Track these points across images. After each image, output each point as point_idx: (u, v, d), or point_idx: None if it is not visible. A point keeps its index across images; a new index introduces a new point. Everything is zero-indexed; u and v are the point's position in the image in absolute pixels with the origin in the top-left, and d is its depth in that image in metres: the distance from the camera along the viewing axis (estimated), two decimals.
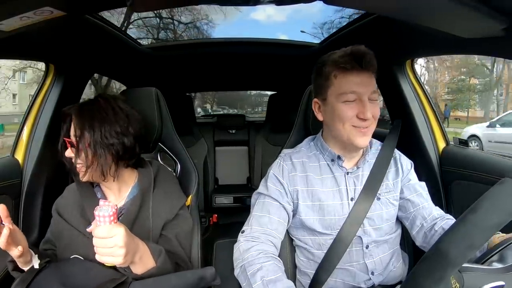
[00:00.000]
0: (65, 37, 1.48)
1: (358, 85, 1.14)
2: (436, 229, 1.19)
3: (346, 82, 1.15)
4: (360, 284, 1.24)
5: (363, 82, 1.14)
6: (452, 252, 0.66)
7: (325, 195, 1.24)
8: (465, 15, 0.90)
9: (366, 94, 1.14)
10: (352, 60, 1.13)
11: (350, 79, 1.15)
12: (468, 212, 0.69)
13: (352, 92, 1.15)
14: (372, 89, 1.16)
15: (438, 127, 1.78)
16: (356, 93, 1.14)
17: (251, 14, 36.23)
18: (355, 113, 1.15)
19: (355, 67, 1.13)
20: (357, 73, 1.14)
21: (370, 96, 1.15)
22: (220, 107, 25.02)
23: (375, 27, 1.61)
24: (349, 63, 1.14)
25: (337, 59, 1.16)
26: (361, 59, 1.13)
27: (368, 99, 1.15)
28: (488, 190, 0.69)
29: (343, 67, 1.15)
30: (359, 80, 1.14)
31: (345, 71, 1.15)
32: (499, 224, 0.66)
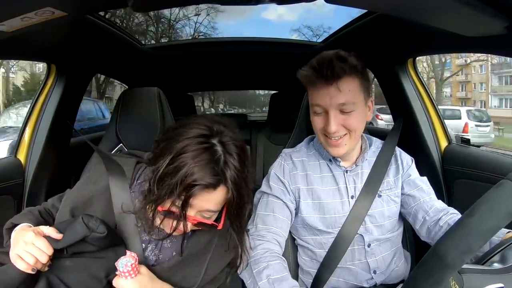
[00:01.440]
0: (67, 37, 1.48)
1: (322, 98, 1.14)
2: (441, 225, 1.18)
3: (314, 94, 1.17)
4: (362, 283, 1.24)
5: (329, 95, 1.12)
6: (450, 255, 0.66)
7: (325, 194, 1.24)
8: (467, 13, 0.89)
9: (331, 107, 1.13)
10: (316, 74, 1.12)
11: (316, 92, 1.16)
12: (465, 215, 0.69)
13: (317, 105, 1.16)
14: (339, 101, 1.12)
15: (440, 126, 1.78)
16: (321, 106, 1.15)
17: (262, 13, 36.33)
18: (323, 125, 1.16)
19: (320, 80, 1.13)
20: (322, 86, 1.13)
21: (341, 108, 1.13)
22: (232, 107, 26.57)
23: (377, 26, 1.61)
24: (312, 76, 1.14)
25: (304, 73, 1.17)
26: (323, 72, 1.10)
27: (340, 110, 1.14)
28: (485, 193, 0.68)
29: (309, 81, 1.16)
30: (324, 93, 1.13)
31: (311, 84, 1.16)
32: (496, 227, 0.65)
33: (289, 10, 31.93)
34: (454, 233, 0.68)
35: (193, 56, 2.58)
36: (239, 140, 0.94)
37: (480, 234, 0.66)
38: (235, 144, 0.92)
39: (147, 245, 1.05)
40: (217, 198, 0.91)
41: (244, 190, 0.94)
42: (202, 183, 0.85)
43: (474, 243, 0.66)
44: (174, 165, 0.86)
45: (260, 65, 2.91)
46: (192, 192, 0.85)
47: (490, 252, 0.81)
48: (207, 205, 0.91)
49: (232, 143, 0.91)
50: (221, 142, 0.90)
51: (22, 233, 0.92)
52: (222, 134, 0.91)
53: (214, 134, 0.90)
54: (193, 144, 0.87)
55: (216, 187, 0.88)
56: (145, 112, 1.62)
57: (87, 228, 0.91)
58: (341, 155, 1.21)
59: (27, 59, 1.65)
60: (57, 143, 1.72)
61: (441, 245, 0.68)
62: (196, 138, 0.88)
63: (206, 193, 0.88)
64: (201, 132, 0.90)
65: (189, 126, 0.92)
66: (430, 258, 0.69)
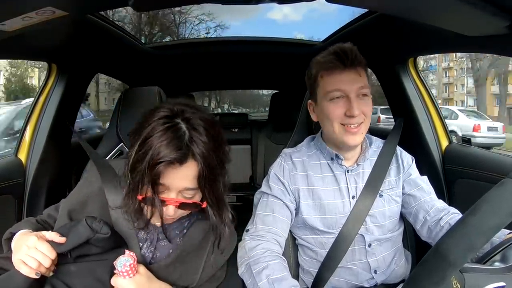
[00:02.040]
0: (67, 37, 1.48)
1: (343, 82, 1.16)
2: (442, 225, 1.18)
3: (331, 80, 1.17)
4: (363, 283, 1.24)
5: (348, 80, 1.15)
6: (452, 254, 0.65)
7: (326, 194, 1.24)
8: (468, 13, 0.89)
9: (352, 91, 1.15)
10: (335, 59, 1.15)
11: (335, 77, 1.16)
12: (467, 214, 0.69)
13: (337, 89, 1.16)
14: (359, 85, 1.16)
15: (441, 126, 1.78)
16: (342, 91, 1.16)
17: (268, 13, 36.56)
18: (343, 111, 1.16)
19: (339, 66, 1.15)
20: (341, 71, 1.16)
21: (359, 92, 1.16)
22: (236, 107, 27.64)
23: (378, 25, 1.61)
24: (332, 62, 1.16)
25: (321, 59, 1.19)
26: (344, 57, 1.14)
27: (357, 95, 1.16)
28: (488, 192, 0.68)
29: (326, 67, 1.17)
30: (343, 78, 1.15)
31: (329, 70, 1.17)
32: (498, 225, 0.65)
33: (294, 10, 32.00)
34: (456, 232, 0.68)
35: (193, 55, 2.58)
36: (205, 116, 0.94)
37: (482, 233, 0.66)
38: (201, 119, 0.91)
39: (144, 243, 1.04)
40: (188, 174, 0.89)
41: (214, 163, 0.92)
42: (166, 159, 0.84)
43: (476, 241, 0.66)
44: (142, 150, 0.87)
45: (260, 65, 2.91)
46: (158, 170, 0.85)
47: (491, 252, 0.81)
48: (180, 182, 0.90)
49: (198, 118, 0.91)
50: (185, 118, 0.89)
51: (24, 238, 0.92)
52: (184, 112, 0.91)
53: (176, 113, 0.90)
54: (157, 126, 0.88)
55: (182, 162, 0.86)
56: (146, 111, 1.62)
57: (90, 230, 0.91)
58: (358, 144, 1.22)
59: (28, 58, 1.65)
60: (58, 143, 1.72)
61: (443, 243, 0.68)
62: (160, 119, 0.89)
63: (173, 169, 0.87)
64: (164, 114, 0.90)
65: (153, 111, 0.93)
66: (432, 257, 0.69)
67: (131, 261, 0.92)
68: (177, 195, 0.92)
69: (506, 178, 0.68)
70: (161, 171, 0.86)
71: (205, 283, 1.07)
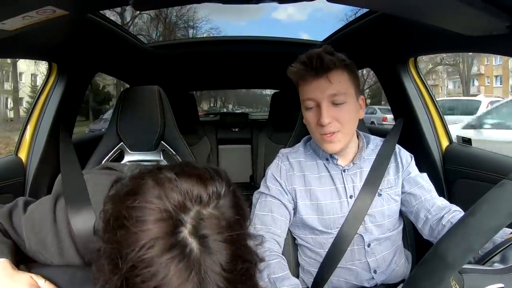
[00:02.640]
0: (68, 36, 1.48)
1: (313, 91, 1.15)
2: (444, 223, 1.17)
3: (305, 89, 1.18)
4: (363, 283, 1.24)
5: (319, 87, 1.14)
6: (451, 255, 0.65)
7: (323, 194, 1.24)
8: (468, 13, 0.89)
9: (323, 99, 1.14)
10: (306, 67, 1.14)
11: (307, 86, 1.16)
12: (466, 215, 0.69)
13: (308, 98, 1.17)
14: (330, 92, 1.14)
15: (441, 126, 1.77)
16: (313, 100, 1.16)
17: (273, 13, 36.72)
18: (315, 119, 1.16)
19: (310, 73, 1.14)
20: (312, 79, 1.15)
21: (332, 100, 1.14)
22: (240, 107, 28.83)
23: (379, 25, 1.60)
24: (302, 71, 1.15)
25: (293, 69, 1.18)
26: (313, 65, 1.13)
27: (331, 103, 1.14)
28: (487, 193, 0.68)
29: (300, 76, 1.17)
30: (314, 86, 1.15)
31: (302, 78, 1.17)
32: (498, 226, 0.65)
33: (299, 10, 32.14)
34: (455, 233, 0.68)
35: (194, 55, 2.58)
36: (225, 210, 0.59)
37: (481, 234, 0.65)
38: (220, 228, 0.57)
39: None
40: None
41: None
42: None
43: (476, 242, 0.66)
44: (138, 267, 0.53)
45: (261, 64, 2.91)
46: None
47: (491, 252, 0.81)
48: None
49: (216, 233, 0.56)
50: (196, 234, 0.55)
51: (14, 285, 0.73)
52: (190, 214, 0.56)
53: (180, 223, 0.55)
54: (155, 247, 0.53)
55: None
56: (146, 111, 1.62)
57: None
58: (337, 151, 1.21)
59: (28, 58, 1.65)
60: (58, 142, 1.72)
61: (442, 244, 0.68)
62: (157, 240, 0.53)
63: None
64: (160, 229, 0.54)
65: (141, 213, 0.55)
66: (431, 258, 0.68)
67: None
68: None
69: (505, 179, 0.68)
70: None
71: None
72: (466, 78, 24.86)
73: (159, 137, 1.64)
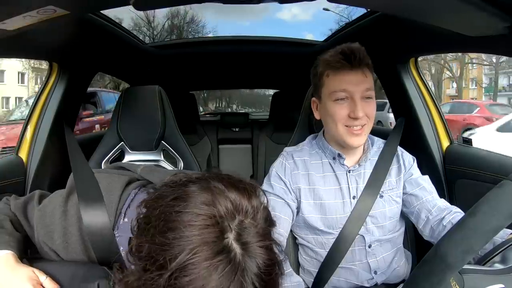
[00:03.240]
0: (69, 36, 1.48)
1: (348, 83, 1.15)
2: (445, 224, 1.17)
3: (337, 80, 1.16)
4: (363, 283, 1.24)
5: (354, 80, 1.15)
6: (451, 256, 0.65)
7: (327, 194, 1.24)
8: (469, 13, 0.89)
9: (357, 92, 1.15)
10: (342, 59, 1.14)
11: (341, 77, 1.16)
12: (466, 215, 0.68)
13: (342, 90, 1.16)
14: (365, 87, 1.16)
15: (442, 126, 1.77)
16: (347, 92, 1.15)
17: (277, 13, 36.87)
18: (347, 112, 1.15)
19: (346, 66, 1.14)
20: (348, 72, 1.15)
21: (364, 94, 1.16)
22: (243, 107, 29.80)
23: (379, 25, 1.61)
24: (339, 62, 1.15)
25: (328, 58, 1.18)
26: (351, 58, 1.13)
27: (361, 97, 1.15)
28: (487, 193, 0.68)
29: (333, 66, 1.16)
30: (350, 79, 1.15)
31: (336, 70, 1.16)
32: (498, 227, 0.65)
33: (303, 10, 32.27)
34: (455, 233, 0.68)
35: (195, 55, 2.58)
36: (261, 221, 0.65)
37: (481, 235, 0.65)
38: (259, 237, 0.62)
39: None
40: None
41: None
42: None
43: (476, 243, 0.65)
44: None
45: (262, 64, 2.91)
46: None
47: (491, 253, 0.81)
48: None
49: (256, 240, 0.61)
50: (239, 240, 0.60)
51: (14, 280, 0.76)
52: (238, 226, 0.61)
53: (226, 230, 0.59)
54: (204, 253, 0.57)
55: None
56: (146, 110, 1.63)
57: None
58: (360, 145, 1.21)
59: (29, 57, 1.66)
60: (59, 141, 1.72)
61: (442, 245, 0.68)
62: (206, 244, 0.57)
63: None
64: (209, 234, 0.58)
65: (191, 218, 0.59)
66: (431, 258, 0.68)
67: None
68: None
69: (505, 180, 0.68)
70: None
71: None
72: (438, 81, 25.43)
73: (160, 137, 1.64)
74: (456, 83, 25.30)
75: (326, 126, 1.26)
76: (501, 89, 24.20)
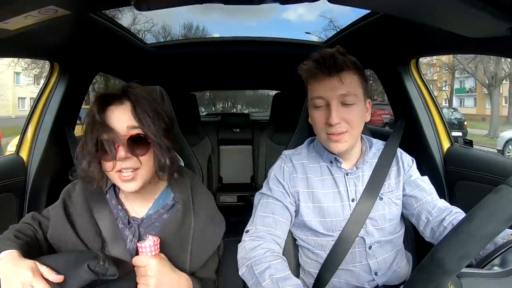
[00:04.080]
0: (70, 35, 1.48)
1: (324, 90, 1.15)
2: (445, 225, 1.17)
3: (315, 87, 1.18)
4: (364, 285, 1.24)
5: (329, 87, 1.14)
6: (448, 261, 0.65)
7: (325, 197, 1.24)
8: (470, 14, 0.89)
9: (333, 98, 1.14)
10: (319, 66, 1.14)
11: (317, 84, 1.16)
12: (463, 221, 0.68)
13: (319, 97, 1.16)
14: (341, 92, 1.14)
15: (442, 127, 1.77)
16: (323, 98, 1.15)
17: (283, 14, 37.16)
18: (324, 119, 1.15)
19: (322, 72, 1.14)
20: (324, 78, 1.15)
21: (343, 100, 1.14)
22: (248, 107, 31.45)
23: (380, 26, 1.61)
24: (315, 69, 1.15)
25: (307, 65, 1.18)
26: (325, 64, 1.13)
27: (340, 103, 1.14)
28: (484, 198, 0.68)
29: (311, 73, 1.17)
30: (326, 85, 1.14)
31: (314, 76, 1.17)
32: (494, 233, 0.65)
33: (308, 11, 32.45)
34: (452, 239, 0.68)
35: (196, 55, 2.58)
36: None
37: (478, 240, 0.65)
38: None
39: (127, 239, 1.07)
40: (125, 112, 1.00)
41: (147, 105, 1.02)
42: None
43: (472, 249, 0.65)
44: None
45: (262, 65, 2.91)
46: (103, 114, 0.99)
47: (491, 255, 0.81)
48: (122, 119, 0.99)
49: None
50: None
51: (17, 270, 0.86)
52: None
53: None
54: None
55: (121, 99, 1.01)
56: None
57: (94, 274, 0.87)
58: (343, 151, 1.20)
59: (30, 57, 1.66)
60: (60, 141, 1.72)
61: (439, 251, 0.68)
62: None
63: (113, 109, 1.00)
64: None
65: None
66: (428, 264, 0.68)
67: (155, 240, 0.97)
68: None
69: (502, 184, 0.67)
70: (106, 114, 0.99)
71: (200, 270, 1.10)
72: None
73: None
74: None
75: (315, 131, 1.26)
76: (468, 91, 25.87)
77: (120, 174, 0.99)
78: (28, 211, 1.61)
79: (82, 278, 0.87)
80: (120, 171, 0.98)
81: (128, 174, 0.99)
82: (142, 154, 0.99)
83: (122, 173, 0.99)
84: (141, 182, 1.01)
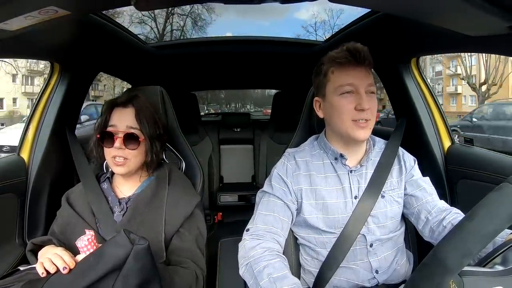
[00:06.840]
0: (70, 36, 1.49)
1: (354, 77, 1.18)
2: (445, 225, 1.18)
3: (343, 75, 1.20)
4: (364, 283, 1.24)
5: (359, 75, 1.19)
6: (449, 259, 0.65)
7: (329, 194, 1.24)
8: (470, 12, 0.89)
9: (362, 86, 1.18)
10: (348, 55, 1.18)
11: (347, 72, 1.19)
12: (464, 219, 0.68)
13: (349, 84, 1.18)
14: (369, 82, 1.19)
15: (443, 126, 1.77)
16: (353, 85, 1.18)
17: (295, 14, 37.60)
18: (353, 105, 1.17)
19: (351, 62, 1.18)
20: (353, 67, 1.18)
21: (367, 89, 1.19)
22: (255, 107, 33.42)
23: (381, 25, 1.60)
24: (345, 58, 1.18)
25: (334, 55, 1.21)
26: (356, 54, 1.17)
27: (365, 92, 1.18)
28: (485, 196, 0.68)
29: (339, 62, 1.19)
30: (355, 73, 1.18)
31: (342, 65, 1.20)
32: (496, 231, 0.65)
33: (319, 12, 32.79)
34: (454, 237, 0.68)
35: (196, 55, 2.58)
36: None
37: (479, 238, 0.65)
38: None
39: (115, 212, 1.31)
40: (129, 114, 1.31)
41: (149, 113, 1.34)
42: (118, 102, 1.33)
43: (474, 246, 0.65)
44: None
45: (263, 64, 2.90)
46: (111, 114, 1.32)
47: (492, 254, 0.81)
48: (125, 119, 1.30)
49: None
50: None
51: (51, 248, 1.13)
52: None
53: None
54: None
55: (127, 105, 1.32)
56: None
57: (129, 242, 0.96)
58: (366, 138, 1.23)
59: (30, 57, 1.66)
60: (61, 141, 1.73)
61: (441, 248, 0.68)
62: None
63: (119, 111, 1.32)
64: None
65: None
66: (430, 262, 0.68)
67: (88, 237, 1.05)
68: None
69: (504, 182, 0.67)
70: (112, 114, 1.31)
71: (173, 239, 1.28)
72: None
73: None
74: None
75: (331, 122, 1.26)
76: None
77: (114, 159, 1.28)
78: (29, 211, 1.62)
79: (118, 247, 0.96)
80: (115, 157, 1.27)
81: (119, 160, 1.28)
82: (133, 148, 1.29)
83: (116, 159, 1.28)
84: (128, 169, 1.30)
